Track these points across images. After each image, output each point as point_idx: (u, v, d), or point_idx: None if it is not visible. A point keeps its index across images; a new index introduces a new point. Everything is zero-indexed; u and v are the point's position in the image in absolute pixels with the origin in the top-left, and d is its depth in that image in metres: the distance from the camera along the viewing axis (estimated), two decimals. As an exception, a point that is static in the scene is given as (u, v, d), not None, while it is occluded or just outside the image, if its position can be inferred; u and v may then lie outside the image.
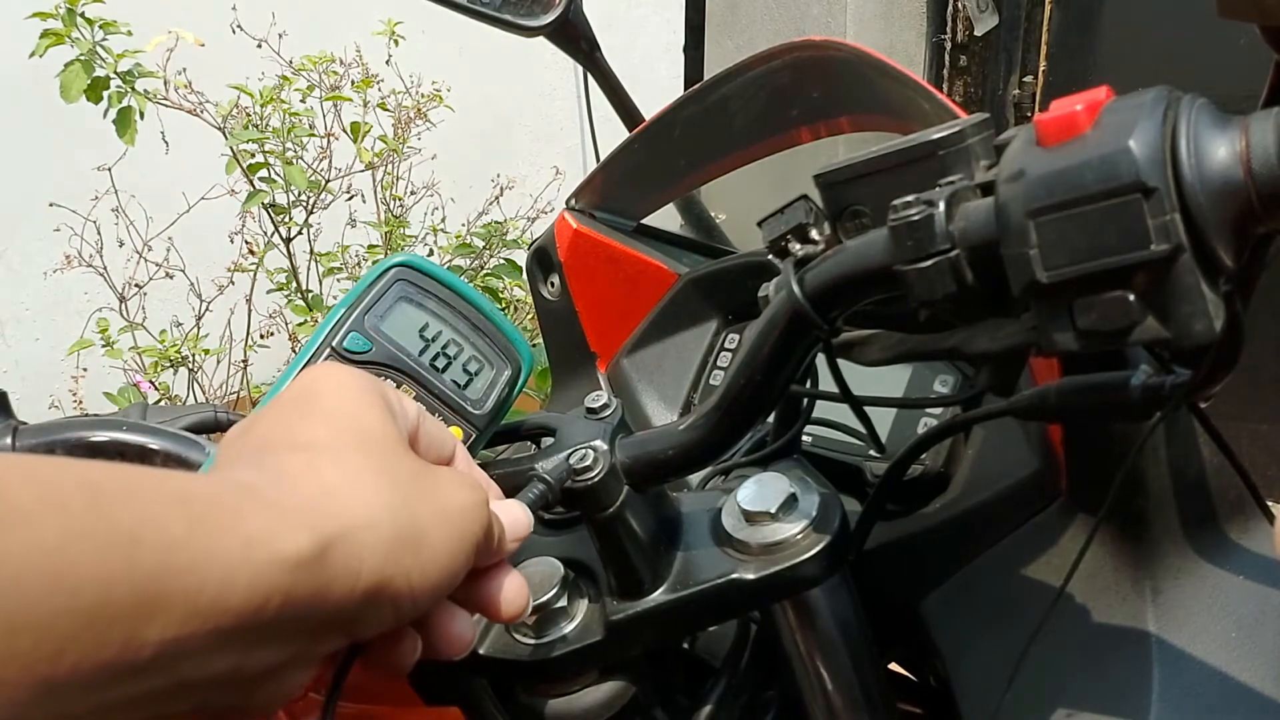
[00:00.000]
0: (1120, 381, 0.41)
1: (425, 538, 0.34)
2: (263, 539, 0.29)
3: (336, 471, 0.34)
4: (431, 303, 0.51)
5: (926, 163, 0.36)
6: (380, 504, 0.33)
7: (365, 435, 0.36)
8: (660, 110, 0.76)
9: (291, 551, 0.30)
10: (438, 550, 0.35)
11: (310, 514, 0.31)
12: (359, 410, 0.36)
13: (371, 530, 0.32)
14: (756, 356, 0.41)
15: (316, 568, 0.30)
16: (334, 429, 0.35)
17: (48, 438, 0.54)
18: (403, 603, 0.34)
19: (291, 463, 0.34)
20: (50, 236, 1.94)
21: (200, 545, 0.28)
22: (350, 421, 0.36)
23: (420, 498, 0.35)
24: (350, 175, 2.07)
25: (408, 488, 0.35)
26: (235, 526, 0.29)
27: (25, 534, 0.25)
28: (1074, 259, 0.30)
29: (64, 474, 0.27)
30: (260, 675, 0.31)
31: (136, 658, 0.26)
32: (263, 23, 1.98)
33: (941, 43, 2.48)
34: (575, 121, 2.86)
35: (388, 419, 0.37)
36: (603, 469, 0.44)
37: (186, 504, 0.29)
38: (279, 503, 0.31)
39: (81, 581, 0.25)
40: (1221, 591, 0.47)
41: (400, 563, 0.33)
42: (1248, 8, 0.31)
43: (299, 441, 0.35)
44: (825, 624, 0.51)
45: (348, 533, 0.32)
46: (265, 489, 0.32)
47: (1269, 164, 0.28)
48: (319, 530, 0.31)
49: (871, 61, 0.61)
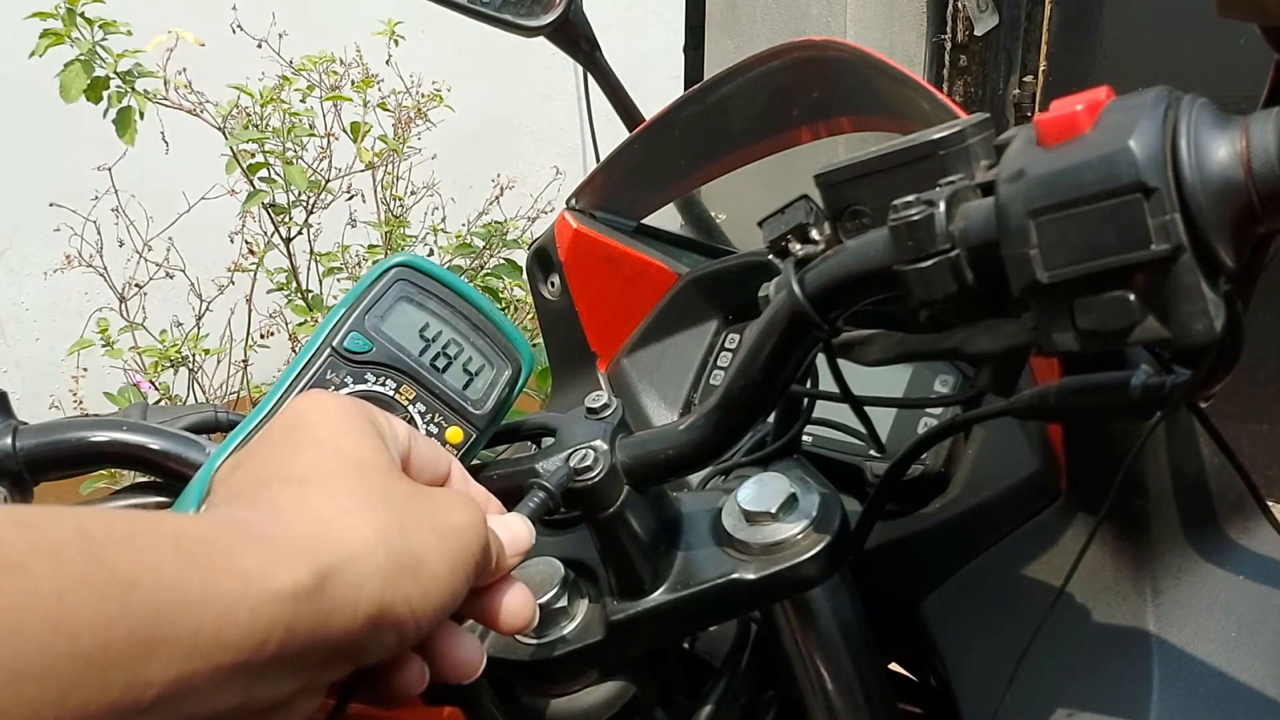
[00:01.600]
0: (1120, 381, 0.41)
1: (423, 561, 0.34)
2: (260, 575, 0.30)
3: (329, 502, 0.34)
4: (432, 303, 0.51)
5: (927, 163, 0.36)
6: (375, 531, 0.34)
7: (356, 463, 0.36)
8: (660, 110, 0.76)
9: (290, 585, 0.30)
10: (437, 572, 0.35)
11: (305, 547, 0.32)
12: (348, 438, 0.37)
13: (368, 558, 0.33)
14: (757, 356, 0.41)
15: (316, 599, 0.31)
16: (324, 459, 0.36)
17: (48, 438, 0.54)
18: (405, 627, 0.34)
19: (284, 497, 0.34)
20: (50, 236, 1.94)
21: (196, 584, 0.28)
22: (340, 450, 0.36)
23: (416, 521, 0.35)
24: (350, 175, 2.07)
25: (402, 512, 0.35)
26: (231, 564, 0.29)
27: (21, 582, 0.25)
28: (1074, 259, 0.30)
29: (56, 521, 0.27)
30: (267, 708, 0.31)
31: (140, 698, 0.27)
32: (263, 23, 1.98)
33: (941, 43, 2.48)
34: (575, 121, 2.86)
35: (378, 444, 0.37)
36: (603, 469, 0.44)
37: (180, 545, 0.29)
38: (273, 538, 0.32)
39: (80, 626, 0.25)
40: (1221, 591, 0.47)
41: (400, 587, 0.33)
42: (1248, 8, 0.31)
43: (290, 475, 0.35)
44: (825, 624, 0.51)
45: (345, 563, 0.32)
46: (259, 525, 0.32)
47: (1269, 164, 0.28)
48: (315, 563, 0.31)
49: (871, 61, 0.61)
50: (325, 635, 0.31)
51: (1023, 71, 2.44)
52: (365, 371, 0.49)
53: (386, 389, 0.49)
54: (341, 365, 0.48)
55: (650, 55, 2.20)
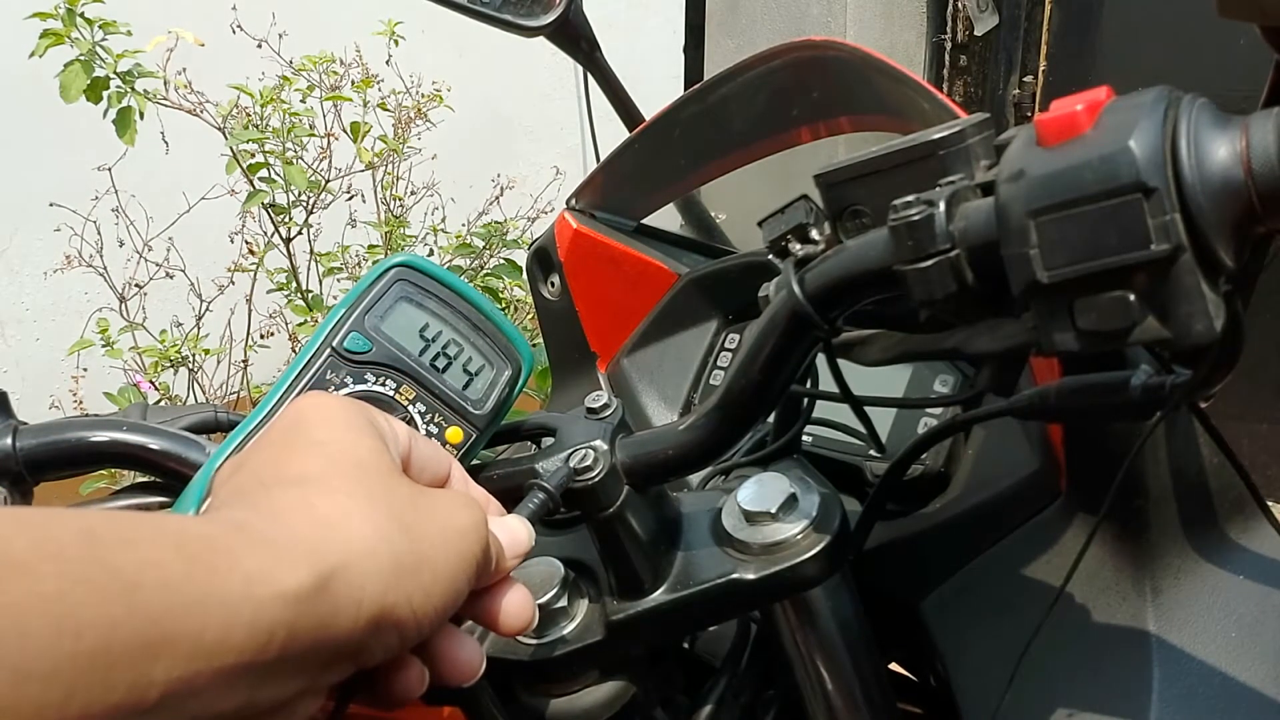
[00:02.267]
0: (1120, 382, 0.41)
1: (425, 561, 0.35)
2: (262, 576, 0.30)
3: (330, 503, 0.34)
4: (432, 303, 0.51)
5: (927, 163, 0.36)
6: (377, 532, 0.34)
7: (357, 464, 0.36)
8: (660, 110, 0.76)
9: (292, 586, 0.30)
10: (438, 573, 0.35)
11: (307, 549, 0.32)
12: (349, 439, 0.37)
13: (370, 559, 0.33)
14: (757, 356, 0.41)
15: (318, 601, 0.31)
16: (325, 460, 0.36)
17: (48, 438, 0.54)
18: (407, 628, 0.34)
19: (285, 498, 0.34)
20: (50, 236, 1.94)
21: (200, 585, 0.28)
22: (341, 451, 0.36)
23: (417, 522, 0.35)
24: (350, 175, 2.07)
25: (403, 513, 0.35)
26: (233, 566, 0.29)
27: (25, 583, 0.25)
28: (1074, 259, 0.30)
29: (59, 523, 0.27)
30: (270, 709, 0.31)
31: (144, 699, 0.27)
32: (263, 23, 1.98)
33: (941, 43, 2.48)
34: (575, 121, 2.86)
35: (379, 445, 0.38)
36: (603, 469, 0.44)
37: (183, 546, 0.29)
38: (274, 540, 0.32)
39: (83, 627, 0.25)
40: (1221, 591, 0.47)
41: (402, 588, 0.33)
42: (1248, 8, 0.31)
43: (290, 476, 0.35)
44: (825, 624, 0.51)
45: (346, 564, 0.32)
46: (260, 526, 0.32)
47: (1269, 164, 0.28)
48: (317, 564, 0.31)
49: (871, 61, 0.61)
50: (328, 636, 0.31)
51: (1023, 71, 2.44)
52: (365, 371, 0.49)
53: (386, 389, 0.49)
54: (341, 365, 0.48)
55: (650, 55, 2.20)
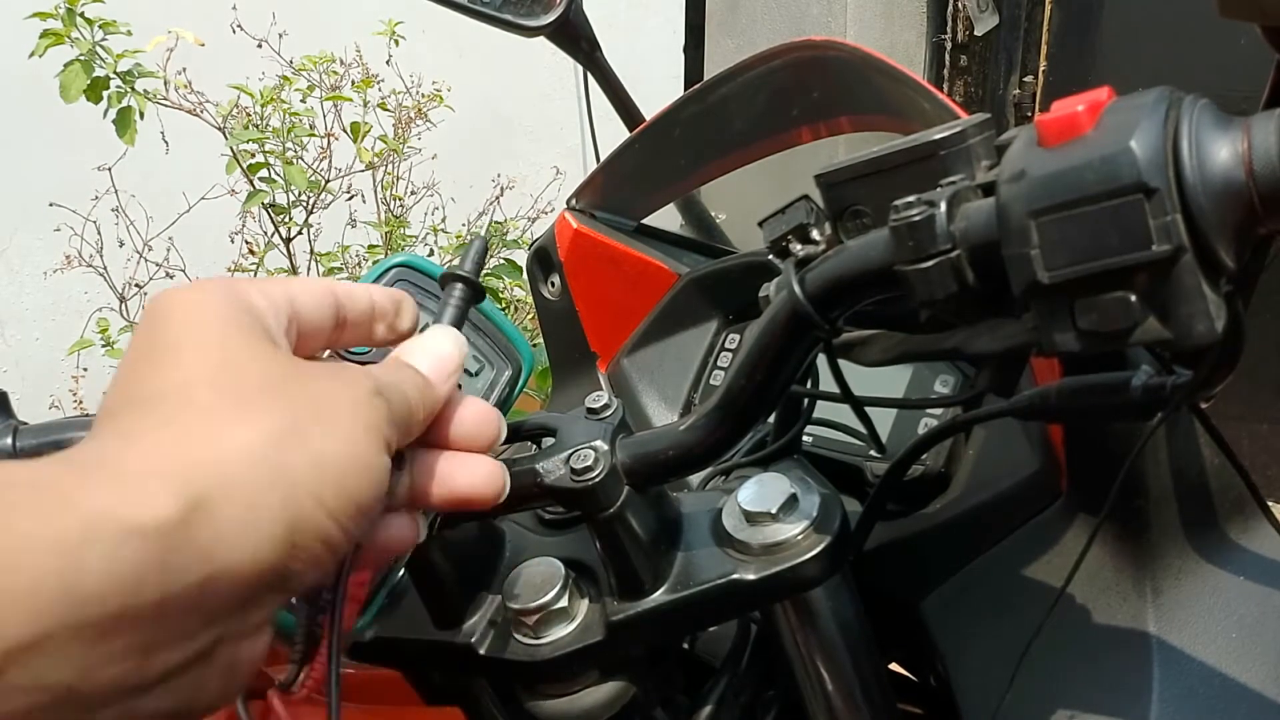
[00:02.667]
0: (1121, 382, 0.41)
1: (326, 453, 0.30)
2: (107, 513, 0.26)
3: (194, 417, 0.29)
4: (432, 303, 0.51)
5: (927, 163, 0.36)
6: (260, 436, 0.29)
7: (223, 365, 0.31)
8: (660, 110, 0.76)
9: (149, 520, 0.26)
10: (346, 459, 0.31)
11: (169, 474, 0.27)
12: (212, 335, 0.32)
13: (251, 470, 0.29)
14: (757, 356, 0.41)
15: (192, 532, 0.27)
16: (186, 366, 0.31)
17: (48, 438, 0.54)
18: (329, 533, 0.30)
19: (142, 420, 0.30)
20: (50, 236, 1.94)
21: (18, 536, 0.25)
22: (202, 350, 0.31)
23: (305, 410, 0.31)
24: (350, 175, 2.07)
25: (289, 404, 0.31)
26: (66, 508, 0.26)
27: None
28: (1075, 259, 0.30)
29: None
30: (182, 666, 0.28)
31: None
32: (263, 23, 1.98)
33: (941, 43, 2.48)
34: (575, 121, 2.86)
35: (249, 332, 0.32)
36: (603, 469, 0.44)
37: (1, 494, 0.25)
38: (125, 470, 0.27)
39: None
40: (1222, 592, 0.47)
41: (305, 492, 0.29)
42: (1248, 8, 0.31)
43: (150, 392, 0.30)
44: (825, 624, 0.51)
45: (223, 483, 0.28)
46: (113, 457, 0.28)
47: (1270, 165, 0.28)
48: (182, 490, 0.27)
49: (871, 61, 0.61)
50: (222, 568, 0.27)
51: (1023, 71, 2.44)
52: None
53: (387, 389, 0.49)
54: (342, 365, 0.48)
55: (650, 55, 2.20)
